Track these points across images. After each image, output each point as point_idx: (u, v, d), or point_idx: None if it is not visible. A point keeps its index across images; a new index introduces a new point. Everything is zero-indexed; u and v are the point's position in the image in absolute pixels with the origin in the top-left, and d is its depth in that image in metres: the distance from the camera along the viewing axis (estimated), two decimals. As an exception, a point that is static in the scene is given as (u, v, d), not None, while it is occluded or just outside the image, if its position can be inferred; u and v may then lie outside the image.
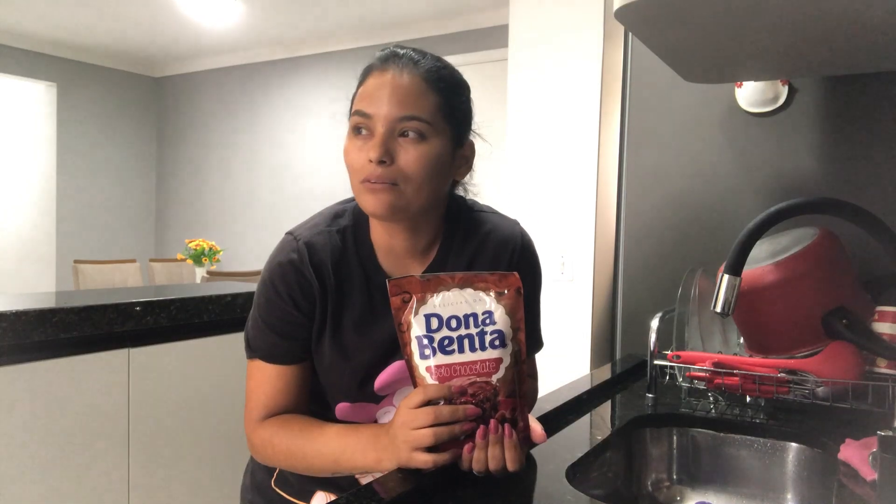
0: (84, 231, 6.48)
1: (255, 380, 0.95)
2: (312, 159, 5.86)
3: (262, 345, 0.93)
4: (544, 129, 2.62)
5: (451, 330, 0.80)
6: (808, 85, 1.49)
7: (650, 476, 1.20)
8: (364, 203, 0.87)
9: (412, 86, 0.86)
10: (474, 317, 0.81)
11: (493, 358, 0.80)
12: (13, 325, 1.30)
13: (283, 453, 0.91)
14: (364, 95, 0.87)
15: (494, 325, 0.80)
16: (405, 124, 0.85)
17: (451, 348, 0.80)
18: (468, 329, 0.80)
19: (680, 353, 1.25)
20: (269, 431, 0.92)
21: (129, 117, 6.83)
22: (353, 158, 0.87)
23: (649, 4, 0.93)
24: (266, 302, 0.92)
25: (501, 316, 0.81)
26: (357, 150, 0.87)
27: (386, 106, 0.85)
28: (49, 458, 1.38)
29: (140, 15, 5.32)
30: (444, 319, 0.80)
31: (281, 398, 0.94)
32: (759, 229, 0.98)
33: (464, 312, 0.81)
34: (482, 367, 0.79)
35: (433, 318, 0.80)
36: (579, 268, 2.54)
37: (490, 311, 0.81)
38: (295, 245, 0.91)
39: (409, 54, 0.89)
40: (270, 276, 0.92)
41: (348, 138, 0.88)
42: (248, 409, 0.95)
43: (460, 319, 0.80)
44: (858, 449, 0.96)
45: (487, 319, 0.81)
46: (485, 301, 0.81)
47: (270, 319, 0.92)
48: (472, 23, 5.01)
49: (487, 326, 0.80)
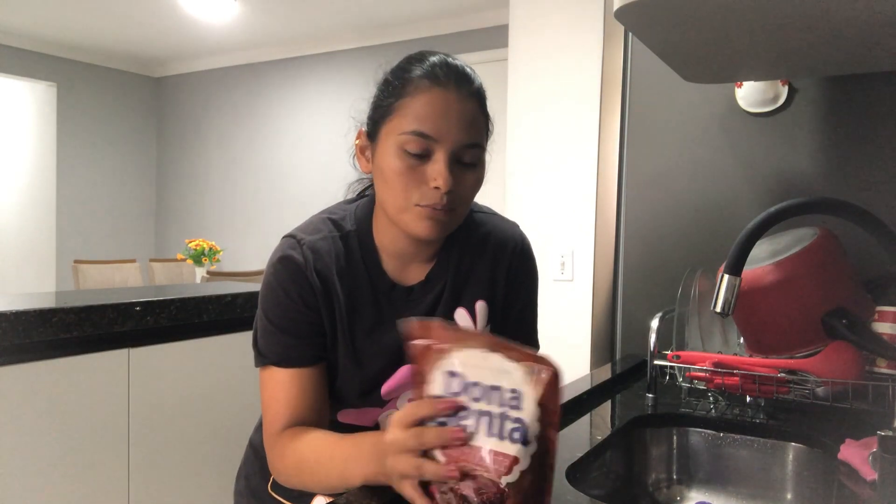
0: (84, 231, 6.48)
1: (269, 390, 0.89)
2: (312, 159, 5.85)
3: (275, 349, 0.89)
4: (544, 129, 2.62)
5: (472, 400, 0.65)
6: (808, 85, 1.49)
7: (650, 476, 1.20)
8: (415, 227, 0.83)
9: (474, 110, 0.83)
10: (498, 392, 0.64)
11: (509, 454, 0.62)
12: (13, 325, 1.30)
13: (293, 467, 0.85)
14: (423, 114, 0.81)
15: (520, 411, 0.63)
16: (468, 151, 0.83)
17: (466, 423, 0.64)
18: (490, 405, 0.64)
19: (680, 353, 1.25)
20: (281, 444, 0.86)
21: (129, 117, 6.83)
22: (406, 181, 0.81)
23: (649, 4, 0.93)
24: (275, 305, 0.89)
25: (531, 403, 0.63)
26: (412, 171, 0.81)
27: (454, 132, 0.81)
28: (49, 458, 1.37)
29: (140, 15, 5.32)
30: (466, 384, 0.65)
31: (298, 405, 0.88)
32: (759, 229, 0.98)
33: (489, 382, 0.65)
34: (493, 461, 0.63)
35: (455, 380, 0.66)
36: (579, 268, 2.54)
37: (518, 391, 0.63)
38: (299, 248, 0.89)
39: (463, 69, 0.85)
40: (276, 278, 0.89)
41: (396, 156, 0.82)
42: (266, 423, 0.89)
43: (484, 390, 0.65)
44: (858, 449, 0.96)
45: (514, 402, 0.63)
46: (512, 376, 0.64)
47: (280, 321, 0.88)
48: (472, 23, 5.01)
49: (511, 411, 0.63)
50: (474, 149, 0.83)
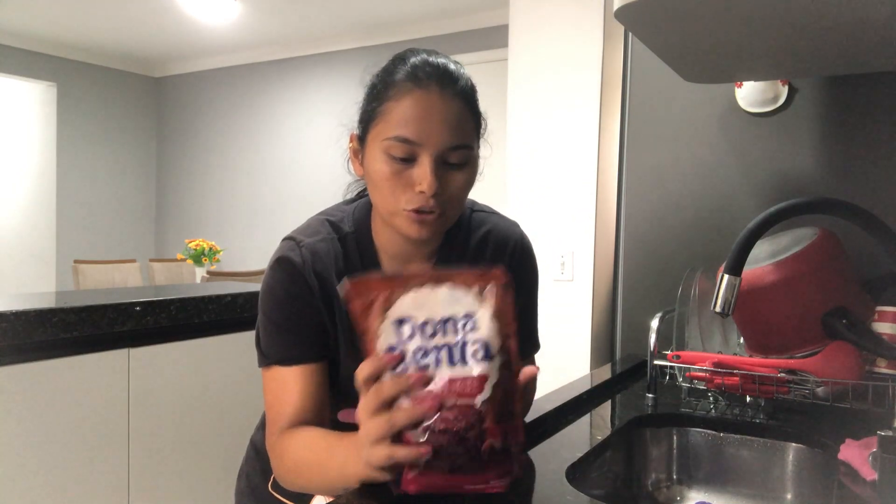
0: (84, 231, 6.48)
1: (272, 391, 0.89)
2: (312, 159, 5.85)
3: (277, 347, 0.89)
4: (544, 129, 2.62)
5: (427, 338, 0.65)
6: (808, 85, 1.49)
7: (650, 476, 1.20)
8: (407, 230, 0.84)
9: (460, 111, 0.82)
10: (453, 322, 0.66)
11: (477, 375, 0.64)
12: (13, 325, 1.30)
13: (292, 468, 0.84)
14: (405, 119, 0.80)
15: (477, 331, 0.65)
16: (454, 153, 0.82)
17: (427, 362, 0.65)
18: (446, 337, 0.65)
19: (680, 353, 1.25)
20: (282, 445, 0.86)
21: (129, 117, 6.83)
22: (393, 185, 0.81)
23: (649, 4, 0.93)
24: (275, 305, 0.89)
25: (486, 320, 0.66)
26: (397, 176, 0.81)
27: (436, 135, 0.80)
28: (49, 458, 1.37)
29: (140, 15, 5.32)
30: (417, 325, 0.66)
31: (301, 404, 0.87)
32: (759, 229, 0.98)
33: (440, 316, 0.66)
34: (463, 387, 0.64)
35: (405, 325, 0.66)
36: (579, 268, 2.54)
37: (471, 313, 0.66)
38: (298, 250, 0.89)
39: (446, 67, 0.83)
40: (275, 279, 0.89)
41: (383, 161, 0.82)
42: (269, 423, 0.89)
43: (436, 325, 0.66)
44: (858, 449, 0.96)
45: (469, 325, 0.65)
46: (464, 301, 0.66)
47: (282, 320, 0.89)
48: (472, 23, 5.01)
49: (469, 334, 0.65)
50: (462, 150, 0.82)
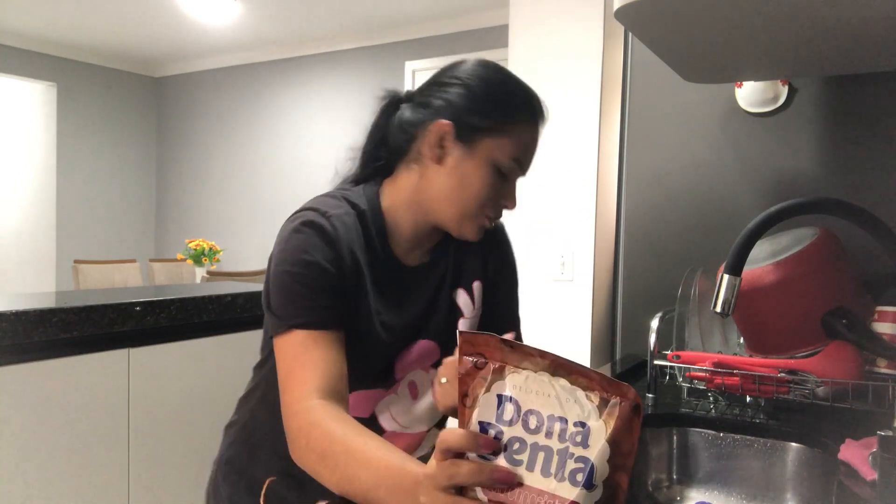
0: (84, 231, 6.48)
1: (291, 356, 0.82)
2: (312, 159, 5.85)
3: (300, 311, 0.83)
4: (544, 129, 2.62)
5: (528, 431, 0.55)
6: (808, 85, 1.49)
7: (650, 476, 1.20)
8: (469, 232, 0.93)
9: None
10: (562, 423, 0.55)
11: (568, 499, 0.53)
12: (13, 325, 1.30)
13: (317, 452, 0.75)
14: (524, 145, 0.92)
15: (586, 448, 0.54)
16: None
17: (521, 458, 0.55)
18: (549, 439, 0.55)
19: (680, 353, 1.25)
20: (313, 418, 0.76)
21: (129, 117, 6.83)
22: (487, 194, 0.90)
23: (649, 4, 0.93)
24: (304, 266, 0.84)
25: (600, 440, 0.53)
26: (491, 187, 0.90)
27: (529, 165, 0.95)
28: (49, 457, 1.37)
29: (140, 15, 5.32)
30: (521, 411, 0.56)
31: (327, 369, 0.81)
32: (759, 229, 0.98)
33: (549, 412, 0.55)
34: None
35: (507, 405, 0.56)
36: (579, 268, 2.54)
37: (586, 424, 0.54)
38: (326, 220, 0.87)
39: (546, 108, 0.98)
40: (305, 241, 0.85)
41: (488, 172, 0.90)
42: (290, 389, 0.80)
43: (543, 420, 0.55)
44: (858, 449, 0.96)
45: (580, 437, 0.54)
46: (582, 405, 0.55)
47: (310, 280, 0.84)
48: (472, 23, 5.00)
49: (576, 447, 0.54)
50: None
